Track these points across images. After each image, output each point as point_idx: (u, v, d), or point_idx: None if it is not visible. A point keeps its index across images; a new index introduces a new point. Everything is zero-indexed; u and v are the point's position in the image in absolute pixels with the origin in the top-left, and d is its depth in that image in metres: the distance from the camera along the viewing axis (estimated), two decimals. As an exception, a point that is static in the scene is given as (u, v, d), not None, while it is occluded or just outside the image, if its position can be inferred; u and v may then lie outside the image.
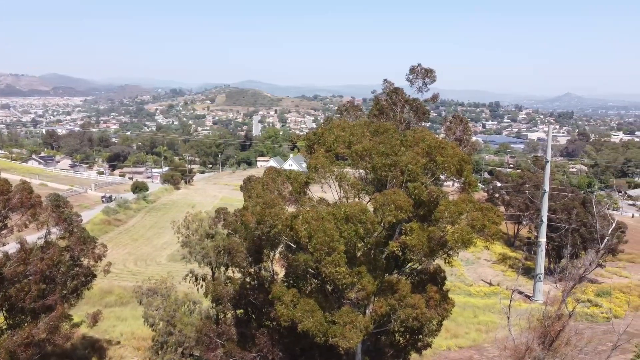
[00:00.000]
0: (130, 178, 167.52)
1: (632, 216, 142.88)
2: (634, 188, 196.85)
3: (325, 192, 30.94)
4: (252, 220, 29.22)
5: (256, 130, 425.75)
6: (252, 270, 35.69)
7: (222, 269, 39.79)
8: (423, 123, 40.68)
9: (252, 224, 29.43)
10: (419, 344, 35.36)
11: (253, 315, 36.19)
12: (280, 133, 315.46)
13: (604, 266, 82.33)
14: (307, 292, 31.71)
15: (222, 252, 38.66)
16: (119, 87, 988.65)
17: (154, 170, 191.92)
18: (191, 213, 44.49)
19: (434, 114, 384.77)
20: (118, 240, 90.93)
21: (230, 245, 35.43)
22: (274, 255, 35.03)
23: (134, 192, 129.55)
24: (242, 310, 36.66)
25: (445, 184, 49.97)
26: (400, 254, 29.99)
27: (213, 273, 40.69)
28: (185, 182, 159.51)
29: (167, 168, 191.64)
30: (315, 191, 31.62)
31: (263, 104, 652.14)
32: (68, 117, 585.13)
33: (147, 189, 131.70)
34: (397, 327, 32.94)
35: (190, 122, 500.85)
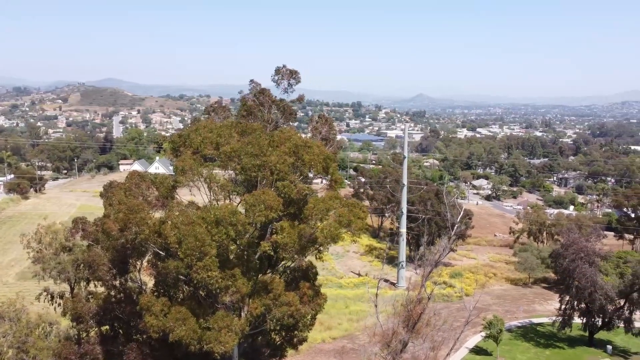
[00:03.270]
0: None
1: (477, 204, 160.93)
2: (477, 179, 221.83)
3: (195, 195, 30.14)
4: (115, 229, 27.49)
5: (117, 131, 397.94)
6: (118, 282, 33.57)
7: (83, 284, 36.91)
8: (291, 123, 41.53)
9: (115, 232, 27.70)
10: (295, 339, 36.18)
11: (120, 331, 34.07)
12: (145, 134, 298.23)
13: (456, 250, 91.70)
14: (180, 299, 30.66)
15: (82, 265, 35.81)
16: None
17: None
18: (43, 225, 40.59)
19: (301, 114, 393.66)
20: (-48, 261, 79.16)
21: (91, 258, 32.88)
22: (142, 264, 33.29)
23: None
24: (107, 327, 34.33)
25: (314, 181, 51.61)
26: (272, 253, 30.35)
27: (72, 289, 37.58)
28: (36, 191, 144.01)
29: (12, 176, 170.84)
30: (184, 194, 30.63)
31: (124, 103, 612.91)
32: None
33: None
34: (273, 326, 33.32)
35: (39, 123, 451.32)
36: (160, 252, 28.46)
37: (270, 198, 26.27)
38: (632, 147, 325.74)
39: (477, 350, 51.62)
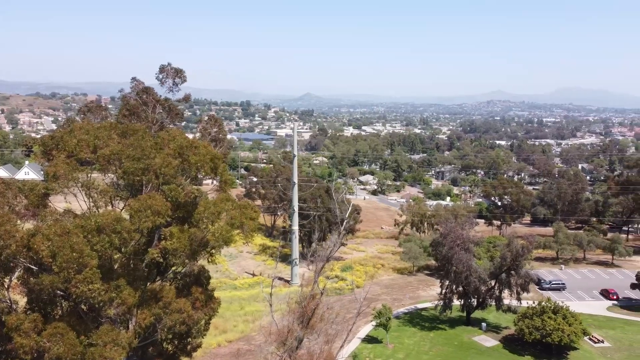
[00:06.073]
0: None
1: (364, 198, 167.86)
2: (364, 174, 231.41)
3: (71, 202, 27.86)
4: (-24, 244, 24.45)
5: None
6: (-19, 303, 29.83)
7: (-63, 308, 32.20)
8: (177, 123, 40.02)
9: (-24, 248, 24.63)
10: (189, 347, 34.98)
11: (-14, 357, 30.40)
12: (11, 137, 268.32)
13: (346, 245, 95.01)
14: (58, 316, 28.18)
15: None
16: None
17: None
18: None
19: (189, 114, 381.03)
20: None
21: (-53, 278, 28.88)
22: (10, 281, 29.96)
23: None
24: (-31, 354, 30.43)
25: (204, 182, 50.20)
26: (162, 259, 29.06)
27: None
28: None
29: None
30: (60, 202, 28.19)
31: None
32: None
33: None
34: (164, 335, 31.95)
35: None
36: (33, 267, 25.90)
37: (158, 202, 25.08)
38: (497, 142, 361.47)
39: (369, 339, 53.94)
